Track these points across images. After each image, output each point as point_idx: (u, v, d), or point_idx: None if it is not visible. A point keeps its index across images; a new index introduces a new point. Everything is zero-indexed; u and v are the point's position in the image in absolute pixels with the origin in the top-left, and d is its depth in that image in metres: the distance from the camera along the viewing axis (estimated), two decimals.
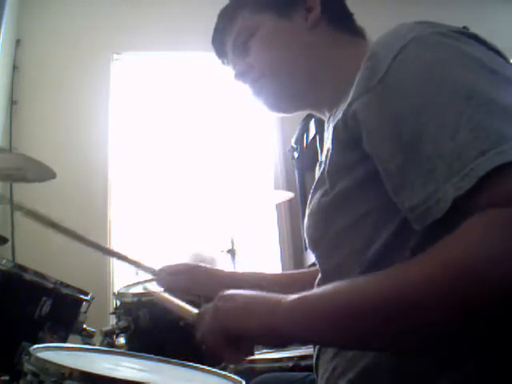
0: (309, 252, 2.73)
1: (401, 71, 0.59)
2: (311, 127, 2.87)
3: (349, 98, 0.65)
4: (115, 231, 3.06)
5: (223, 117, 3.45)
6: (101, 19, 3.34)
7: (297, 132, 3.12)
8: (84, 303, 1.57)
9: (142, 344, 1.45)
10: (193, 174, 3.28)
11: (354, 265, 0.67)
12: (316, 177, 0.79)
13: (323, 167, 0.73)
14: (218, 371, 1.06)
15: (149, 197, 3.22)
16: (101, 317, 2.27)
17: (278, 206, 3.28)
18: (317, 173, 0.82)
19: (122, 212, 3.17)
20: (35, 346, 0.93)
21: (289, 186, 3.18)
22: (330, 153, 0.70)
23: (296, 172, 3.19)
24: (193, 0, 3.37)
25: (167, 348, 1.36)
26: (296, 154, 3.17)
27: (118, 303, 1.57)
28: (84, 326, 1.56)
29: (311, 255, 0.81)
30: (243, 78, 0.89)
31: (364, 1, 1.64)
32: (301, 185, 3.12)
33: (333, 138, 0.70)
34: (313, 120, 2.81)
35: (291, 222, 3.30)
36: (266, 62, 0.86)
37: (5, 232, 2.30)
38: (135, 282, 1.73)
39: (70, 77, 3.20)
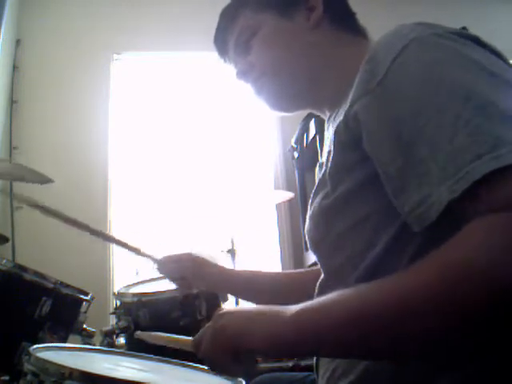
0: (309, 252, 2.73)
1: (400, 74, 0.59)
2: (311, 127, 2.87)
3: (349, 100, 0.65)
4: (115, 231, 3.05)
5: (223, 117, 3.45)
6: (101, 19, 3.34)
7: (297, 132, 3.11)
8: (84, 303, 1.56)
9: (142, 344, 1.45)
10: (193, 174, 3.28)
11: (356, 266, 0.67)
12: (316, 178, 0.79)
13: (324, 169, 0.73)
14: None
15: (149, 197, 3.22)
16: (101, 317, 2.27)
17: (278, 206, 3.27)
18: (317, 174, 0.81)
19: (122, 212, 3.17)
20: (35, 346, 0.93)
21: (289, 186, 3.17)
22: (332, 154, 0.70)
23: (296, 172, 3.18)
24: (193, 0, 3.37)
25: (167, 348, 1.35)
26: (296, 154, 3.16)
27: (118, 303, 1.57)
28: (84, 326, 1.56)
29: (311, 255, 0.81)
30: (244, 77, 0.89)
31: (364, 1, 1.63)
32: (301, 185, 3.11)
33: (334, 140, 0.70)
34: (313, 120, 2.80)
35: (291, 222, 3.30)
36: (268, 62, 0.86)
37: (5, 231, 2.30)
38: (135, 282, 1.73)
39: (70, 77, 3.20)
